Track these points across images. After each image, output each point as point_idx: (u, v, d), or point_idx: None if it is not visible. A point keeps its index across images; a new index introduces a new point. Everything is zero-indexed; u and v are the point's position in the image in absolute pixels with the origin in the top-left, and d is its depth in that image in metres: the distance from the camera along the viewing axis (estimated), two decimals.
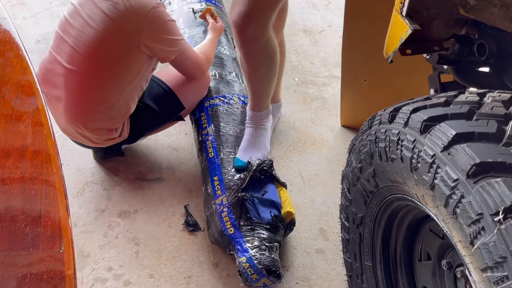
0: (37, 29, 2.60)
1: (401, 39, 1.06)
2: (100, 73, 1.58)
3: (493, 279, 0.64)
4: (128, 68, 1.60)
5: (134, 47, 1.57)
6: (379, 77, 1.84)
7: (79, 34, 1.55)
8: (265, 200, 1.56)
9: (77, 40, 1.55)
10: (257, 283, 1.44)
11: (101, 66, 1.57)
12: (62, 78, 1.58)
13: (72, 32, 1.57)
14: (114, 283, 1.52)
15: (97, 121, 1.62)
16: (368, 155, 1.02)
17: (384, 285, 1.18)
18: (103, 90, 1.59)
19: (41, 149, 0.88)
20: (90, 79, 1.58)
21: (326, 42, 2.54)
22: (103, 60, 1.57)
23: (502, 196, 0.63)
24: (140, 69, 1.62)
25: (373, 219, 1.11)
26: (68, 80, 1.57)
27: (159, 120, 1.81)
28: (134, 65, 1.61)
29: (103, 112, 1.61)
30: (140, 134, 1.79)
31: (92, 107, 1.60)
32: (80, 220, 1.70)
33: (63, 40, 1.58)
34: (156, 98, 1.77)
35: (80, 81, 1.57)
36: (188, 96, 1.83)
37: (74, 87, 1.58)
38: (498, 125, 0.72)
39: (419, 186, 0.82)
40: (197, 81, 1.84)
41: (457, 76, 1.11)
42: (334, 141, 2.02)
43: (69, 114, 1.61)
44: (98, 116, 1.61)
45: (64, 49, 1.57)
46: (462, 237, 0.71)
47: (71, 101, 1.59)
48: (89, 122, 1.62)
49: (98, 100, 1.59)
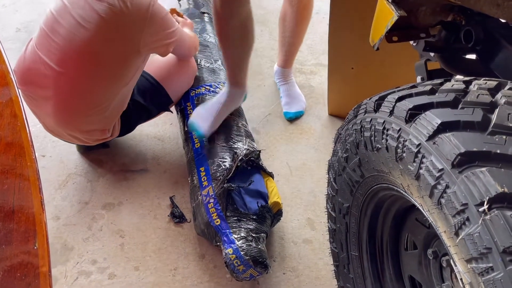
0: (17, 17, 2.53)
1: (387, 26, 1.04)
2: (94, 77, 1.51)
3: (477, 270, 0.63)
4: (126, 71, 1.54)
5: (133, 49, 1.51)
6: (366, 65, 1.82)
7: (71, 36, 1.45)
8: (251, 191, 1.54)
9: (68, 42, 1.46)
10: (244, 274, 1.43)
11: (96, 70, 1.50)
12: (51, 80, 1.49)
13: (61, 32, 1.47)
14: (99, 276, 1.50)
15: (90, 123, 1.58)
16: (353, 145, 1.01)
17: (371, 275, 1.18)
18: (97, 94, 1.53)
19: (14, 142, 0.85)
20: (83, 83, 1.51)
21: (313, 29, 2.50)
22: (97, 64, 1.50)
23: (487, 186, 0.62)
24: (136, 69, 1.58)
25: (359, 209, 1.10)
26: (58, 83, 1.49)
27: (147, 114, 1.78)
28: (131, 67, 1.55)
29: (97, 115, 1.56)
30: (130, 130, 1.76)
31: (85, 110, 1.54)
32: (64, 213, 1.67)
33: (50, 39, 1.48)
34: (145, 94, 1.73)
35: (72, 85, 1.50)
36: (175, 88, 1.80)
37: (66, 91, 1.50)
38: (483, 114, 0.70)
39: (405, 176, 0.81)
40: (184, 72, 1.81)
41: (443, 64, 1.10)
42: (321, 130, 2.00)
43: (60, 118, 1.55)
44: (91, 119, 1.56)
45: (53, 50, 1.48)
46: (447, 227, 0.69)
47: (62, 105, 1.52)
48: (81, 125, 1.58)
49: (91, 104, 1.54)
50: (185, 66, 1.82)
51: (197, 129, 1.68)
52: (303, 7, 1.85)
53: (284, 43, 2.00)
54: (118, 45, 1.49)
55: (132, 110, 1.69)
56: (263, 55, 2.34)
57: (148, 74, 1.75)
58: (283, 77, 2.09)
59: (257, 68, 2.26)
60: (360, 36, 1.45)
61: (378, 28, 1.08)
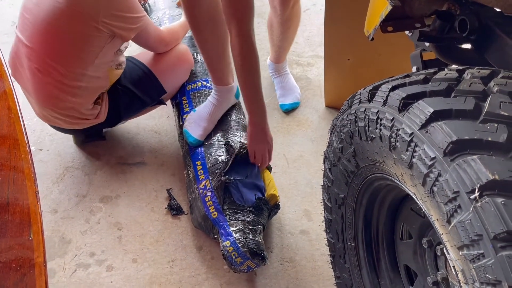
0: (13, 11, 2.51)
1: (381, 16, 1.03)
2: (58, 52, 1.53)
3: (469, 257, 0.64)
4: (87, 47, 1.54)
5: (91, 26, 1.50)
6: (362, 56, 1.81)
7: (38, 10, 1.49)
8: (248, 183, 1.55)
9: (35, 16, 1.49)
10: (241, 266, 1.44)
11: (59, 45, 1.52)
12: (26, 60, 1.53)
13: (31, 8, 1.51)
14: (97, 268, 1.51)
15: (64, 101, 1.58)
16: (348, 135, 1.01)
17: (367, 265, 1.18)
18: (64, 71, 1.54)
19: (8, 134, 0.85)
20: (50, 59, 1.52)
21: (310, 21, 2.50)
22: (60, 39, 1.52)
23: (478, 174, 0.62)
24: (101, 48, 1.56)
25: (354, 199, 1.11)
26: (30, 59, 1.53)
27: (140, 103, 1.77)
28: (93, 44, 1.54)
29: (67, 93, 1.57)
30: (119, 117, 1.75)
31: (55, 87, 1.55)
32: (61, 206, 1.67)
33: (24, 17, 1.53)
34: (136, 81, 1.72)
35: (40, 61, 1.52)
36: (170, 79, 1.79)
37: (36, 68, 1.53)
38: (476, 102, 0.70)
39: (398, 165, 0.81)
40: (179, 64, 1.80)
41: (438, 53, 1.10)
42: (318, 121, 2.01)
43: (37, 97, 1.57)
44: (63, 96, 1.57)
45: (25, 26, 1.52)
46: (439, 215, 0.70)
47: (36, 83, 1.55)
48: (57, 103, 1.58)
49: (59, 81, 1.54)
50: (181, 58, 1.81)
51: (190, 136, 1.68)
52: (286, 18, 1.83)
53: (274, 44, 2.01)
54: (76, 20, 1.50)
55: (121, 95, 1.69)
56: (260, 47, 2.31)
57: (141, 63, 1.75)
58: (276, 71, 2.10)
59: None
60: (356, 28, 1.45)
61: (373, 18, 1.08)
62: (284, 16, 1.82)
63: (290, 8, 1.80)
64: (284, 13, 1.81)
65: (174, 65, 1.78)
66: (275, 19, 1.87)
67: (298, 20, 1.91)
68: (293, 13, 1.84)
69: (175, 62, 1.79)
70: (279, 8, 1.80)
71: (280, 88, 2.08)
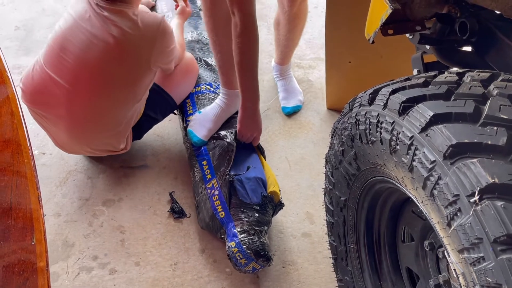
0: (16, 15, 2.53)
1: (381, 19, 1.04)
2: (107, 97, 1.52)
3: (469, 260, 0.64)
4: (138, 88, 1.56)
5: (145, 66, 1.52)
6: (363, 59, 1.82)
7: (82, 55, 1.46)
8: (252, 179, 1.55)
9: (80, 61, 1.46)
10: (246, 267, 1.44)
11: (108, 89, 1.51)
12: (64, 100, 1.50)
13: (73, 50, 1.47)
14: (100, 271, 1.51)
15: (104, 139, 1.60)
16: (349, 138, 1.01)
17: (368, 267, 1.18)
18: (111, 113, 1.55)
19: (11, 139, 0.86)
20: (96, 102, 1.52)
21: (312, 24, 2.50)
22: (110, 83, 1.51)
23: (478, 177, 0.62)
24: (148, 85, 1.59)
25: (356, 202, 1.11)
26: (71, 102, 1.50)
27: (156, 121, 1.80)
28: (143, 85, 1.57)
29: (110, 132, 1.58)
30: (139, 138, 1.77)
31: (99, 129, 1.57)
32: (64, 210, 1.68)
33: (61, 58, 1.48)
34: (154, 106, 1.72)
35: (85, 104, 1.51)
36: (180, 92, 1.79)
37: (79, 110, 1.52)
38: (475, 105, 0.71)
39: (399, 168, 0.82)
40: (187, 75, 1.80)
41: (439, 56, 1.10)
42: (320, 124, 2.01)
43: (73, 136, 1.57)
44: (104, 135, 1.59)
45: (64, 69, 1.48)
46: (440, 218, 0.70)
47: (75, 124, 1.54)
48: (95, 141, 1.60)
49: (105, 123, 1.56)
50: (189, 69, 1.81)
51: (194, 136, 1.69)
52: (294, 15, 1.84)
53: (280, 44, 2.01)
54: (130, 63, 1.50)
55: (143, 121, 1.71)
56: (262, 50, 2.32)
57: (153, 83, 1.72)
58: (280, 73, 2.10)
59: None
60: (356, 30, 1.45)
61: (373, 21, 1.08)
62: (292, 13, 1.82)
63: (298, 4, 1.80)
64: (292, 10, 1.81)
65: (183, 77, 1.78)
66: (282, 16, 1.87)
67: (305, 18, 1.91)
68: (301, 10, 1.85)
69: (184, 74, 1.78)
70: (286, 4, 1.80)
71: (283, 91, 2.07)
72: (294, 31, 1.91)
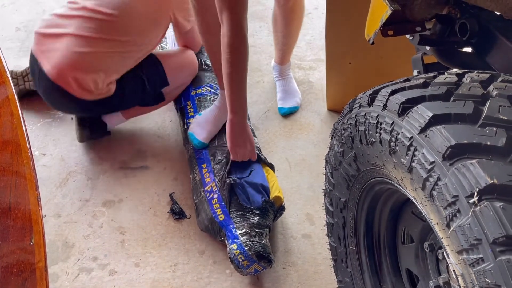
0: (16, 17, 2.54)
1: (381, 20, 1.04)
2: (125, 27, 1.67)
3: (468, 261, 0.64)
4: (152, 31, 1.72)
5: (164, 8, 1.71)
6: (364, 60, 1.82)
7: None
8: (253, 184, 1.55)
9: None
10: (248, 269, 1.44)
11: (127, 23, 1.67)
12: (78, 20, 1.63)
13: None
14: (100, 272, 1.51)
15: (101, 61, 1.65)
16: (349, 139, 1.01)
17: (368, 269, 1.18)
18: (123, 41, 1.67)
19: (11, 140, 0.86)
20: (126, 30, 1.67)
21: (312, 25, 2.50)
22: (130, 17, 1.66)
23: (477, 178, 0.62)
24: (159, 35, 1.76)
25: (356, 203, 1.11)
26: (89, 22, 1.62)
27: (142, 90, 1.78)
28: (157, 30, 1.74)
29: (109, 57, 1.66)
30: (122, 101, 1.76)
31: (104, 49, 1.65)
32: (64, 211, 1.68)
33: None
34: (143, 63, 1.76)
35: (110, 27, 1.65)
36: (174, 76, 1.82)
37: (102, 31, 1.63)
38: (475, 106, 0.71)
39: (398, 169, 0.81)
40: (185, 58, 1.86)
41: (439, 57, 1.10)
42: (320, 125, 2.01)
43: (73, 50, 1.62)
44: (106, 55, 1.65)
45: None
46: (439, 219, 0.70)
47: (82, 39, 1.62)
48: (94, 60, 1.64)
49: (112, 46, 1.66)
50: (189, 60, 1.87)
51: (194, 139, 1.69)
52: (289, 9, 1.83)
53: (278, 42, 2.00)
54: (154, 8, 1.68)
55: (129, 81, 1.73)
56: (262, 51, 2.34)
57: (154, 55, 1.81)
58: (279, 73, 2.10)
59: (256, 64, 2.26)
60: (357, 31, 1.45)
61: (373, 22, 1.08)
62: (288, 7, 1.82)
63: None
64: (287, 4, 1.80)
65: (181, 63, 1.84)
66: (279, 11, 1.86)
67: (301, 13, 1.90)
68: (297, 4, 1.84)
69: (183, 61, 1.85)
70: None
71: (281, 91, 2.07)
72: (290, 26, 1.90)
